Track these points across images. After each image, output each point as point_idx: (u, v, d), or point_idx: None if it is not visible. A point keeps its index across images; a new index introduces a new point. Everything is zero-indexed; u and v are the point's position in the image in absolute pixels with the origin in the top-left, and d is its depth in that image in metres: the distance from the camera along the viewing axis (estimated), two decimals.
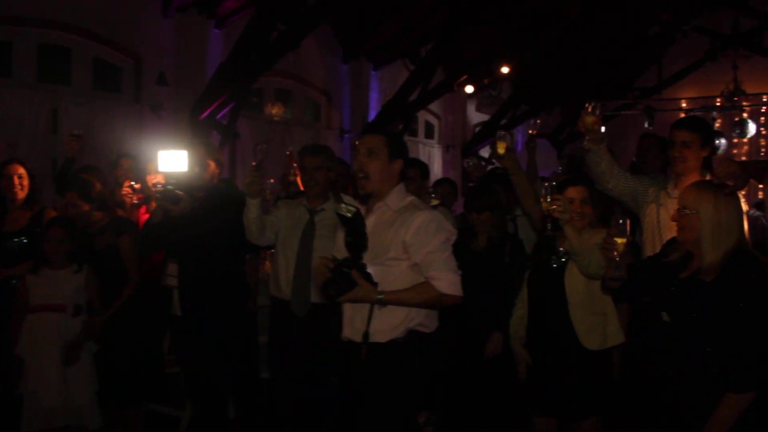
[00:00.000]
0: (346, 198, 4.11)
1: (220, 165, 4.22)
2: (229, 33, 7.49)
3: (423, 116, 11.16)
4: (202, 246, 3.94)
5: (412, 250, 2.98)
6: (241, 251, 4.27)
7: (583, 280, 3.37)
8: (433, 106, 11.06)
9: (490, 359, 4.08)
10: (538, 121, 6.31)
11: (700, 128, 3.64)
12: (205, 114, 7.20)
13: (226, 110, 7.36)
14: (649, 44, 11.97)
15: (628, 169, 4.63)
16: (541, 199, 3.22)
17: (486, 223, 4.19)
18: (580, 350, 3.39)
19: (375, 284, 2.93)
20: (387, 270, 3.00)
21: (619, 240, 2.82)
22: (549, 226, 3.18)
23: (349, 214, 2.88)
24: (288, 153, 4.75)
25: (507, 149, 3.82)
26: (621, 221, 2.86)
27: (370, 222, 3.06)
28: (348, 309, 3.12)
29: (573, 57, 11.01)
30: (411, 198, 3.14)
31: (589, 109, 3.55)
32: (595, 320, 3.43)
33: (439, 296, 2.98)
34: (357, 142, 3.22)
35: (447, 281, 2.98)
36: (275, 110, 8.66)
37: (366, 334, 3.01)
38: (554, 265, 3.30)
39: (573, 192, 3.45)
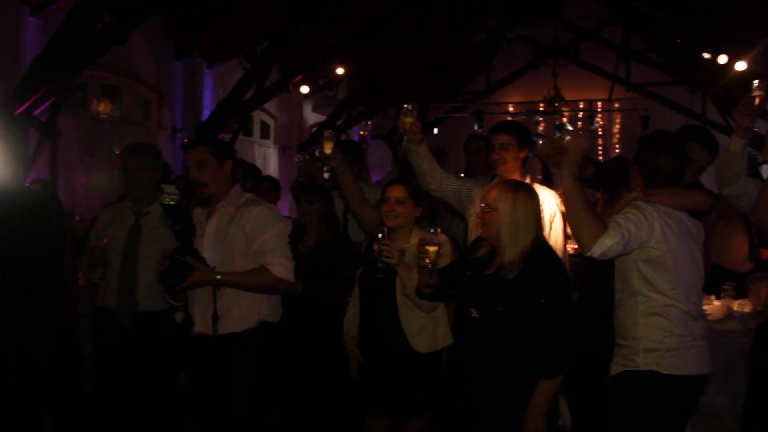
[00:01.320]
0: (167, 187, 3.99)
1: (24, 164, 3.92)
2: (48, 22, 6.95)
3: (258, 116, 11.00)
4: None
5: (250, 238, 3.16)
6: (53, 259, 3.94)
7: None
8: (269, 106, 10.93)
9: (323, 359, 4.07)
10: (369, 123, 6.43)
11: (517, 130, 3.79)
12: (21, 109, 6.65)
13: (45, 106, 6.84)
14: (478, 50, 12.51)
15: (464, 171, 4.79)
16: (374, 245, 3.23)
17: (316, 215, 4.15)
18: (409, 351, 3.44)
19: (212, 267, 3.04)
20: (233, 262, 3.17)
21: (431, 248, 2.93)
22: (380, 235, 3.19)
23: (172, 203, 2.93)
24: (117, 153, 4.51)
25: (334, 149, 3.83)
26: (432, 230, 2.97)
27: (213, 221, 3.26)
28: (196, 303, 3.23)
29: (407, 60, 11.28)
30: (248, 195, 3.35)
31: (407, 111, 3.62)
32: (424, 322, 3.48)
33: (275, 281, 3.15)
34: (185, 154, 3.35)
35: (282, 267, 3.16)
36: (102, 107, 8.18)
37: (215, 317, 3.12)
38: (379, 276, 3.33)
39: (393, 191, 3.51)
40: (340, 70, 9.88)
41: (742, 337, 3.79)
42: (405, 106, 3.65)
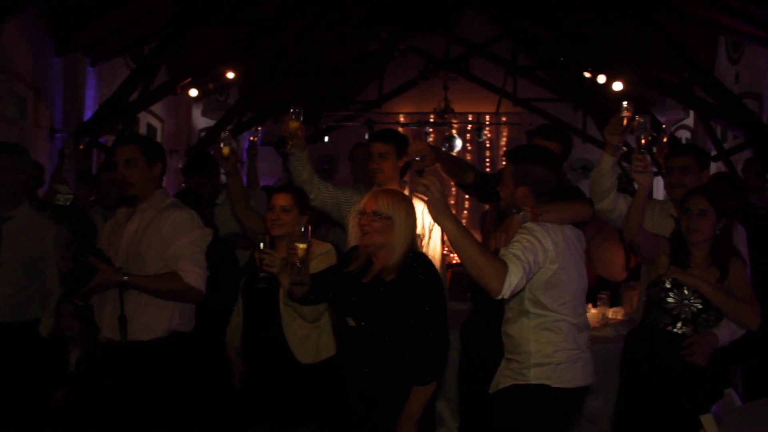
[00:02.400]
0: (60, 187, 3.83)
1: None
2: None
3: (145, 118, 10.62)
4: None
5: (165, 242, 3.09)
6: None
7: None
8: (156, 109, 10.58)
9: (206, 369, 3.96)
10: (260, 129, 6.34)
11: (395, 139, 3.82)
12: None
13: None
14: (371, 60, 12.59)
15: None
16: (256, 253, 3.15)
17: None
18: (292, 361, 3.40)
19: (118, 268, 2.96)
20: (145, 265, 3.11)
21: (300, 245, 2.91)
22: (262, 244, 3.12)
23: (67, 203, 2.81)
24: None
25: (231, 152, 3.76)
26: (303, 228, 2.94)
27: (134, 222, 3.18)
28: (104, 306, 3.13)
29: (299, 67, 11.22)
30: (172, 199, 3.31)
31: (293, 115, 3.60)
32: (308, 332, 3.44)
33: (184, 288, 3.06)
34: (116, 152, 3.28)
35: (195, 275, 3.09)
36: None
37: (123, 319, 3.03)
38: (261, 285, 3.27)
39: (278, 199, 3.46)
40: (230, 74, 9.69)
41: (616, 343, 3.95)
42: (291, 110, 3.63)
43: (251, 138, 5.15)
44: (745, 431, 2.75)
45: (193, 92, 10.32)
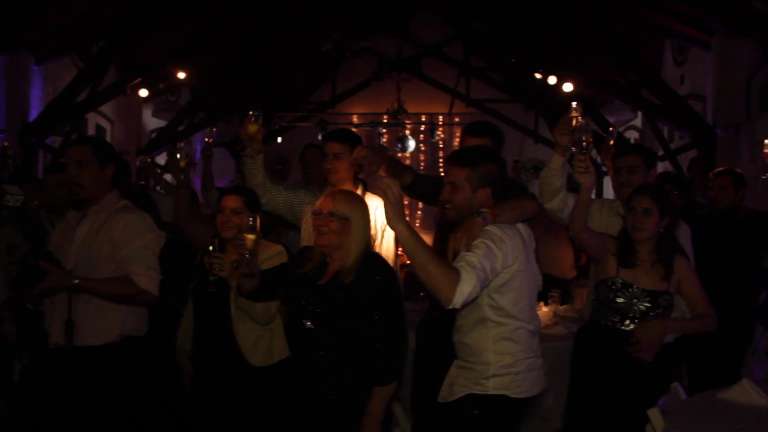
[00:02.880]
0: (10, 188, 3.74)
1: None
2: None
3: (93, 119, 10.41)
4: None
5: (117, 245, 3.04)
6: None
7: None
8: (105, 109, 10.38)
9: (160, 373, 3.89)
10: (214, 130, 6.28)
11: (350, 139, 3.78)
12: None
13: None
14: (324, 61, 12.56)
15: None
16: (205, 257, 3.10)
17: None
18: (244, 364, 3.36)
19: (69, 271, 2.91)
20: (97, 268, 3.05)
21: (249, 236, 2.88)
22: (211, 248, 3.06)
23: (17, 203, 2.76)
24: None
25: (187, 163, 3.72)
26: (251, 219, 2.92)
27: (85, 225, 3.12)
28: (54, 311, 3.06)
29: (252, 67, 11.12)
30: (124, 201, 3.24)
31: (252, 118, 3.56)
32: (260, 334, 3.41)
33: (136, 291, 3.02)
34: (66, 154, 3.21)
35: (148, 278, 3.05)
36: None
37: (69, 324, 2.95)
38: (211, 288, 3.22)
39: (228, 201, 3.42)
40: (181, 75, 9.55)
41: (567, 341, 4.01)
42: (250, 112, 3.58)
43: (206, 139, 5.08)
44: (689, 424, 2.81)
45: (144, 92, 10.15)
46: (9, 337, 3.43)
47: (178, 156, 3.64)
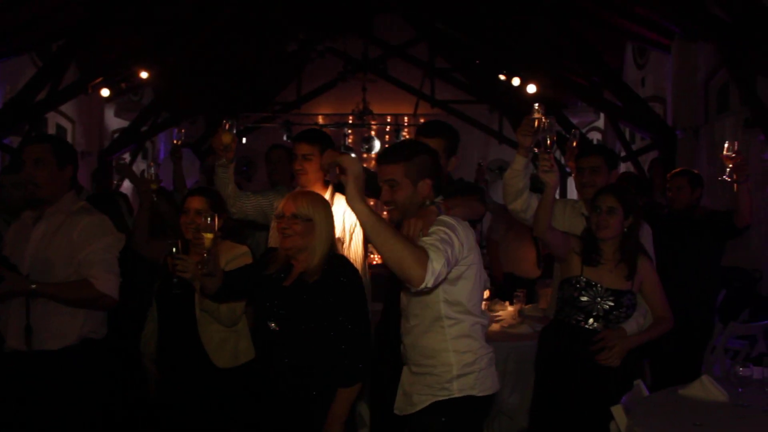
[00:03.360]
0: None
1: None
2: None
3: (54, 119, 10.23)
4: None
5: (76, 248, 2.97)
6: None
7: None
8: (66, 109, 10.21)
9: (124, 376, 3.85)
10: (183, 131, 6.21)
11: (320, 140, 3.74)
12: None
13: None
14: (289, 61, 12.52)
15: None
16: (168, 258, 3.05)
17: None
18: (209, 366, 3.33)
19: (25, 276, 2.87)
20: (54, 272, 2.98)
21: (207, 235, 2.86)
22: (174, 249, 3.00)
23: None
24: None
25: (157, 185, 3.81)
26: (209, 218, 2.90)
27: (41, 227, 3.04)
28: (9, 316, 3.00)
29: (216, 67, 11.03)
30: (83, 203, 3.18)
31: (227, 127, 3.53)
32: (225, 336, 3.37)
33: (96, 295, 2.96)
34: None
35: (107, 282, 2.98)
36: None
37: (28, 329, 2.93)
38: (175, 290, 3.16)
39: (193, 202, 3.39)
40: (144, 74, 9.43)
41: (532, 340, 4.04)
42: (224, 121, 3.55)
43: (175, 141, 5.01)
44: (651, 420, 2.86)
45: (105, 92, 10.01)
46: None
47: (148, 175, 3.59)
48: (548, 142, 3.18)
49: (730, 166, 3.88)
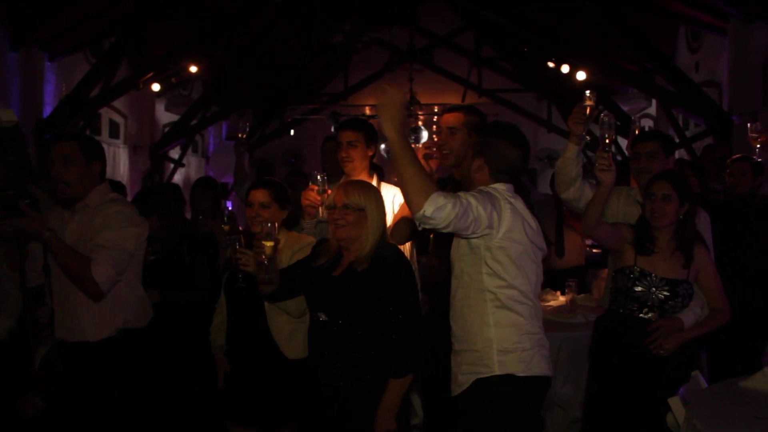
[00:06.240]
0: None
1: None
2: None
3: (107, 114, 10.45)
4: None
5: (95, 230, 3.00)
6: None
7: None
8: (118, 104, 10.41)
9: (188, 367, 3.90)
10: (248, 124, 6.19)
11: (364, 128, 3.76)
12: None
13: None
14: (336, 52, 12.54)
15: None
16: (230, 250, 3.06)
17: (154, 225, 3.95)
18: (279, 357, 3.32)
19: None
20: None
21: (267, 243, 2.86)
22: (237, 244, 3.01)
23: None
24: None
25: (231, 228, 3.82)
26: (270, 226, 2.89)
27: (74, 224, 3.07)
28: (57, 308, 3.06)
29: (263, 60, 11.12)
30: (114, 194, 3.19)
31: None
32: (295, 327, 3.35)
33: (86, 276, 2.93)
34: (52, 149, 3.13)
35: (103, 272, 2.95)
36: None
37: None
38: (240, 284, 3.16)
39: (256, 195, 3.39)
40: (193, 69, 9.56)
41: (585, 330, 3.99)
42: (318, 176, 3.62)
43: (239, 135, 5.05)
44: (710, 412, 2.79)
45: (156, 87, 10.17)
46: (43, 318, 3.32)
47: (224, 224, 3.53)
48: (607, 140, 3.09)
49: (758, 146, 3.76)
